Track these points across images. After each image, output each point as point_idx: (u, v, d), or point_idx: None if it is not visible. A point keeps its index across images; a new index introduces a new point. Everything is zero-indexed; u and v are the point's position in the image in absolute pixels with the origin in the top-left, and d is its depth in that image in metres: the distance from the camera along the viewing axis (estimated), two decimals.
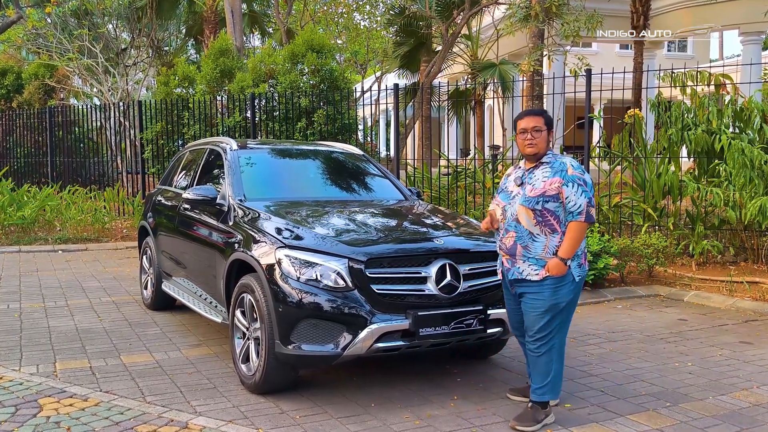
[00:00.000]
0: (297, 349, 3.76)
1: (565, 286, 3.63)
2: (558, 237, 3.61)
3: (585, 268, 3.73)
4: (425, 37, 15.22)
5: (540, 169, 3.68)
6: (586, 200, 3.56)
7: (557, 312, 3.65)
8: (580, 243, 3.61)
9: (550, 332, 3.65)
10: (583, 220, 3.56)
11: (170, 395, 4.09)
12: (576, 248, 3.59)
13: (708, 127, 8.35)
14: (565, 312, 3.69)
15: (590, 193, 3.58)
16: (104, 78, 14.59)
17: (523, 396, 3.98)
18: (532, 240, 3.63)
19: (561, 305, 3.64)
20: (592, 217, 3.58)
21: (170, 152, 12.21)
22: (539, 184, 3.63)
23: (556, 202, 3.60)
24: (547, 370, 3.66)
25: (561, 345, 3.72)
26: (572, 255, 3.59)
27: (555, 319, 3.66)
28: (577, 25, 10.43)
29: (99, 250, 10.49)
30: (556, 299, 3.62)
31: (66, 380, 4.35)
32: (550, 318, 3.64)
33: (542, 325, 3.64)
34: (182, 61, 13.91)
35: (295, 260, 3.86)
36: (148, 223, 6.51)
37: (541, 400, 3.68)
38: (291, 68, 11.65)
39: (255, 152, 5.54)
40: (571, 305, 3.70)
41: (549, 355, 3.66)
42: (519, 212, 3.65)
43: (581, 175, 3.61)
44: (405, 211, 4.92)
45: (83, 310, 6.43)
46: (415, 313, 3.76)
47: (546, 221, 3.60)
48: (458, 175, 10.39)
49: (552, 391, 3.71)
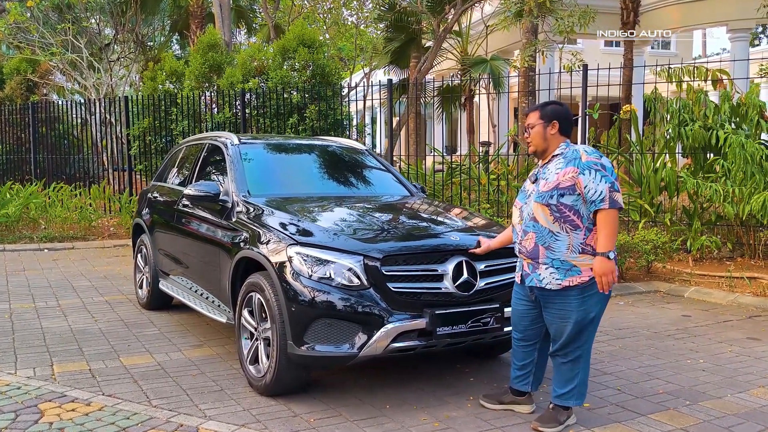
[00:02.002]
0: (311, 349, 3.63)
1: (594, 296, 3.34)
2: (582, 233, 3.32)
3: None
4: (416, 33, 15.10)
5: (553, 162, 3.44)
6: (607, 185, 3.25)
7: (587, 323, 3.39)
8: (615, 233, 3.29)
9: (579, 344, 3.44)
10: (607, 207, 3.23)
11: (176, 398, 3.94)
12: (613, 239, 3.27)
13: (705, 122, 8.34)
14: (596, 322, 3.45)
15: (611, 178, 3.27)
16: (89, 73, 14.27)
17: (499, 402, 3.78)
18: (554, 239, 3.35)
19: (590, 316, 3.37)
20: (617, 203, 3.25)
21: (158, 149, 11.99)
22: (552, 177, 3.37)
23: (573, 195, 3.30)
24: (572, 377, 3.48)
25: (588, 353, 3.50)
26: (611, 246, 3.26)
27: (584, 331, 3.41)
28: (571, 21, 10.37)
29: (86, 249, 10.26)
30: (585, 309, 3.35)
31: (65, 384, 4.18)
32: (578, 330, 3.39)
33: (571, 338, 3.41)
34: (169, 55, 13.66)
35: (308, 258, 3.73)
36: (143, 220, 6.32)
37: (565, 405, 3.54)
38: (282, 63, 11.47)
39: (257, 147, 5.39)
40: (600, 315, 3.45)
41: (575, 363, 3.46)
42: (535, 210, 3.39)
43: (598, 159, 3.32)
44: (415, 206, 4.80)
45: (76, 310, 6.24)
46: (432, 311, 3.65)
47: (565, 217, 3.32)
48: (452, 171, 10.29)
49: (577, 397, 3.51)
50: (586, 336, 3.45)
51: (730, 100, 8.33)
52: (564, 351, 3.47)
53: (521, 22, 11.22)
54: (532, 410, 3.74)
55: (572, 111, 3.74)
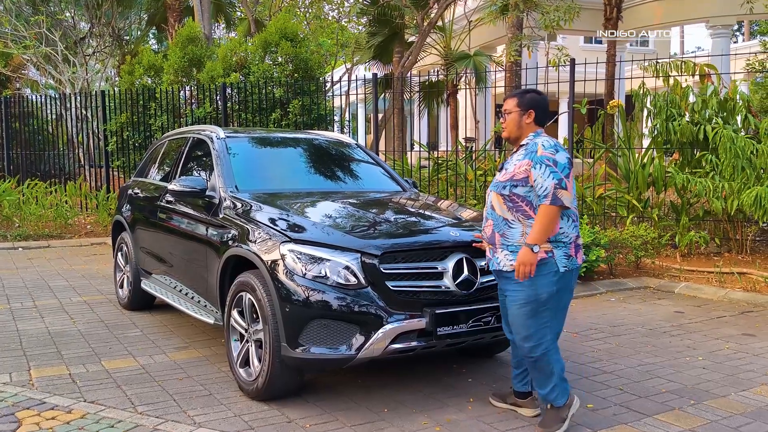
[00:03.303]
0: (306, 352, 3.46)
1: (546, 277, 3.30)
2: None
3: (575, 260, 3.39)
4: (399, 28, 14.93)
5: (518, 153, 3.46)
6: (553, 182, 3.23)
7: (539, 305, 3.32)
8: (550, 229, 3.28)
9: (537, 331, 3.34)
10: (548, 203, 3.23)
11: (163, 404, 3.75)
12: (545, 234, 3.27)
13: (692, 117, 8.31)
14: (550, 307, 3.36)
15: (560, 174, 3.24)
16: (64, 67, 13.90)
17: (503, 401, 3.73)
18: (508, 227, 3.38)
19: (542, 297, 3.32)
20: (559, 200, 3.22)
21: (136, 144, 11.70)
22: (510, 168, 3.41)
23: (525, 186, 3.33)
24: (548, 373, 3.37)
25: (555, 347, 3.41)
26: (540, 241, 3.26)
27: (539, 315, 3.33)
28: (557, 15, 10.28)
29: (63, 247, 9.96)
30: (535, 290, 3.31)
31: (44, 390, 3.97)
32: (531, 312, 3.33)
33: (526, 322, 3.34)
34: (147, 49, 13.33)
35: (301, 255, 3.56)
36: (123, 217, 6.09)
37: (556, 404, 3.42)
38: (263, 57, 11.24)
39: (244, 141, 5.20)
40: (556, 299, 3.36)
41: (546, 358, 3.36)
42: (492, 199, 3.47)
43: (552, 154, 3.28)
44: (409, 202, 4.65)
45: (53, 311, 6.00)
46: (432, 311, 3.50)
47: (517, 207, 3.35)
48: (439, 166, 10.16)
49: (563, 394, 3.40)
50: (545, 321, 3.36)
51: (717, 95, 8.30)
52: (525, 338, 3.37)
53: (507, 17, 11.11)
54: (536, 414, 3.61)
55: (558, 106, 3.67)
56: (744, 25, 32.42)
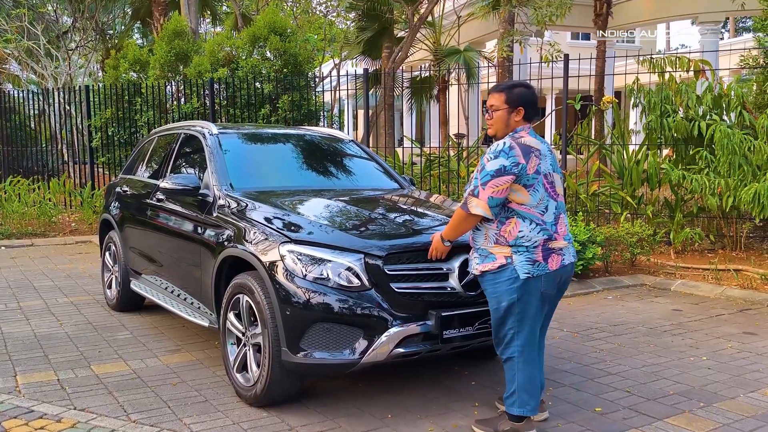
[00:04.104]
0: (308, 357, 3.33)
1: (504, 283, 3.15)
2: (495, 225, 3.18)
3: (544, 266, 3.15)
4: (389, 22, 14.77)
5: None
6: (471, 187, 3.17)
7: (503, 313, 3.18)
8: (459, 229, 3.24)
9: (504, 336, 3.22)
10: (459, 205, 3.22)
11: (157, 411, 3.60)
12: (452, 232, 3.27)
13: (687, 113, 8.26)
14: (515, 315, 3.17)
15: (478, 181, 3.11)
16: (46, 61, 13.60)
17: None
18: (476, 229, 3.27)
19: (502, 305, 3.17)
20: (466, 206, 3.14)
21: (121, 140, 11.47)
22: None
23: None
24: (511, 378, 3.24)
25: (523, 356, 3.21)
26: (450, 237, 3.30)
27: (504, 322, 3.20)
28: (550, 10, 10.20)
29: (47, 246, 9.73)
30: (497, 297, 3.19)
31: (32, 397, 3.81)
32: (499, 318, 3.21)
33: (494, 325, 3.25)
34: (132, 43, 13.07)
35: (302, 256, 3.42)
36: (111, 216, 5.91)
37: (509, 412, 3.27)
38: (252, 52, 11.05)
39: (238, 137, 5.04)
40: (521, 307, 3.16)
41: (511, 363, 3.23)
42: None
43: (487, 159, 3.14)
44: (410, 200, 4.52)
45: (39, 312, 5.81)
46: (438, 313, 3.38)
47: None
48: (431, 163, 10.05)
49: (519, 405, 3.21)
50: (511, 330, 3.20)
51: (712, 91, 8.25)
52: (495, 339, 3.30)
53: (499, 12, 11.00)
54: (543, 418, 3.51)
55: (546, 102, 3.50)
56: (729, 22, 32.62)
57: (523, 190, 3.15)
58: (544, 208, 3.20)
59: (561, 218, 3.28)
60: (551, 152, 3.33)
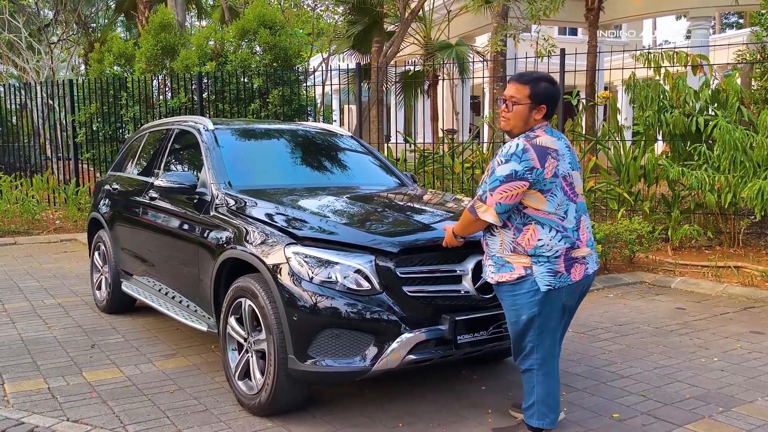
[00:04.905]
0: (317, 365, 3.16)
1: (523, 296, 2.96)
2: (511, 232, 2.98)
3: (566, 277, 2.95)
4: (379, 16, 14.58)
5: None
6: (479, 192, 2.99)
7: (522, 326, 3.01)
8: (466, 230, 3.10)
9: (523, 347, 3.06)
10: (467, 208, 3.06)
11: (156, 422, 3.42)
12: (464, 232, 3.12)
13: (684, 109, 8.17)
14: (535, 329, 2.99)
15: (490, 185, 2.91)
16: (28, 55, 13.25)
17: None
18: (490, 236, 3.07)
19: (522, 318, 2.99)
20: (474, 211, 2.97)
21: (106, 136, 11.20)
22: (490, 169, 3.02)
23: None
24: (530, 391, 3.09)
25: (543, 369, 3.05)
26: (461, 234, 3.15)
27: (524, 336, 3.03)
28: (544, 4, 10.07)
29: (30, 244, 9.46)
30: (515, 310, 3.01)
31: (21, 407, 3.60)
32: (518, 331, 3.04)
33: (513, 338, 3.10)
34: (117, 36, 12.76)
35: (309, 258, 3.25)
36: (101, 214, 5.70)
37: (528, 423, 3.13)
38: (240, 46, 10.82)
39: (234, 133, 4.84)
40: (542, 320, 2.98)
41: (530, 375, 3.08)
42: None
43: (499, 164, 2.92)
44: (415, 199, 4.36)
45: (25, 315, 5.59)
46: (452, 317, 3.23)
47: None
48: (425, 159, 9.90)
49: (538, 417, 3.07)
50: (528, 343, 3.04)
51: (709, 86, 8.17)
52: (514, 350, 3.14)
53: (492, 6, 10.87)
54: (561, 418, 3.37)
55: None
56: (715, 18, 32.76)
57: (540, 196, 2.94)
58: (564, 213, 2.98)
59: (582, 222, 3.07)
60: (569, 148, 3.11)
